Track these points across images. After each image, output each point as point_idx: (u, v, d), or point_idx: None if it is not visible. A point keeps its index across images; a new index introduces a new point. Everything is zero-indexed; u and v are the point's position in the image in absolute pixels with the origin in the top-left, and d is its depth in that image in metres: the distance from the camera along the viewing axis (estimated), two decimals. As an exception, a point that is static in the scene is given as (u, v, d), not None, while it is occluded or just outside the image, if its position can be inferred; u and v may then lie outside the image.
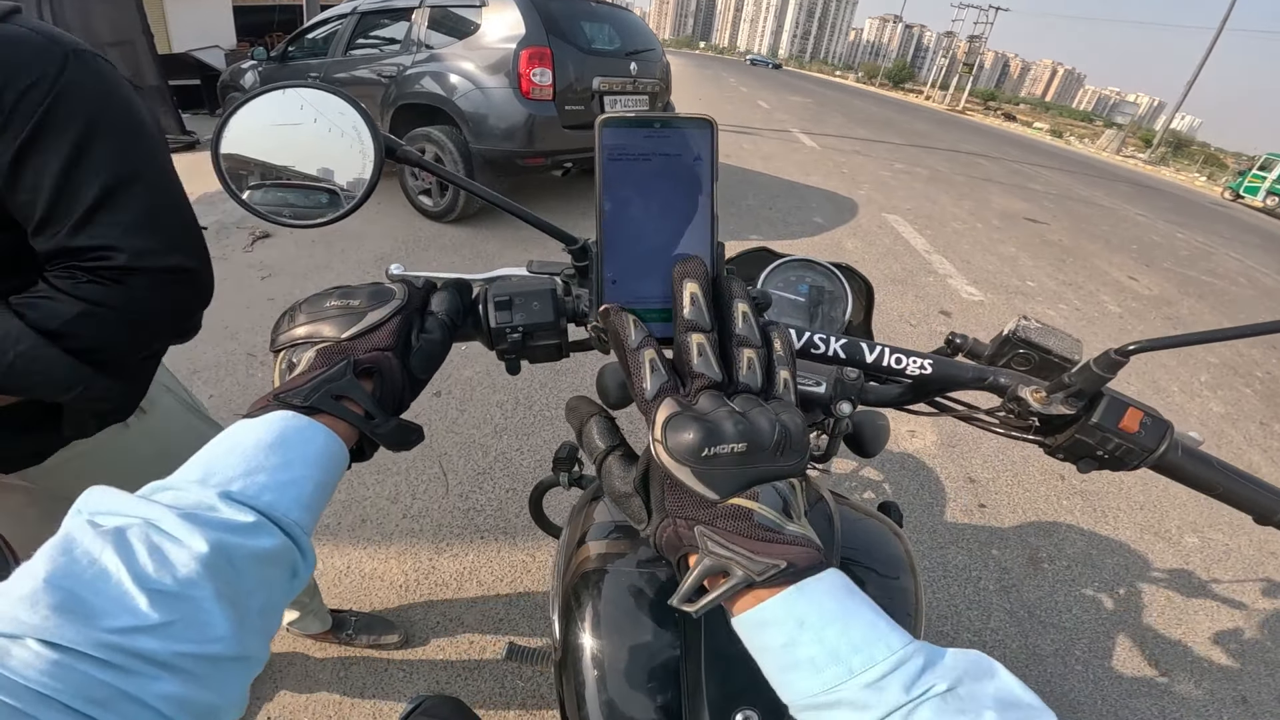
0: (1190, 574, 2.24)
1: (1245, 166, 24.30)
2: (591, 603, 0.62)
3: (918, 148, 12.77)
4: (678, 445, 0.33)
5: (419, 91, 4.24)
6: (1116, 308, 4.97)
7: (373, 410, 0.44)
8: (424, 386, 0.50)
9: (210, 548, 0.32)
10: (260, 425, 0.39)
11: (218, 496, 0.35)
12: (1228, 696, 1.81)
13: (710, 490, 0.34)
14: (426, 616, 1.65)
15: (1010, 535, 2.26)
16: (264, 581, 0.35)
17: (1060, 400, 0.53)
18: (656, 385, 0.35)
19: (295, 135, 0.51)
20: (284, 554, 0.36)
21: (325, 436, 0.41)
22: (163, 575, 0.31)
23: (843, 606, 0.33)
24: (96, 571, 0.30)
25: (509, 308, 0.52)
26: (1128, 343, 0.48)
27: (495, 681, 1.53)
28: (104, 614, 0.29)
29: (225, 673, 0.32)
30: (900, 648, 0.32)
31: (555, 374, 2.76)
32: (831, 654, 0.32)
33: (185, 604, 0.31)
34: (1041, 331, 0.59)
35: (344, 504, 1.95)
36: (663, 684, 0.57)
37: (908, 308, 4.11)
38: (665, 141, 0.42)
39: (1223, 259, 8.17)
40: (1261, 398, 3.78)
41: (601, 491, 0.74)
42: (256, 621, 0.34)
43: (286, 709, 1.43)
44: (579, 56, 4.13)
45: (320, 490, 0.40)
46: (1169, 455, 0.52)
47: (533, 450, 2.30)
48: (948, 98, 42.59)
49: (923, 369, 0.60)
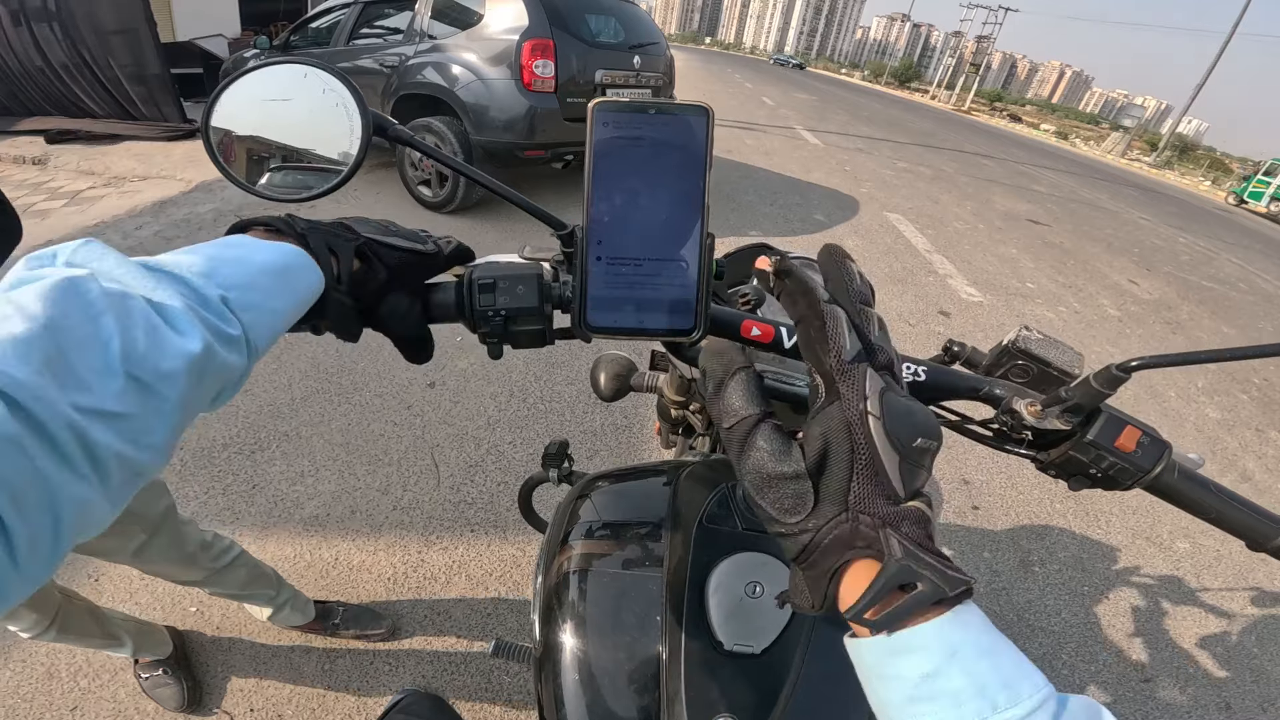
0: (1180, 580, 2.24)
1: (1250, 172, 24.19)
2: (573, 604, 0.61)
3: (922, 147, 12.71)
4: (899, 427, 0.29)
5: (420, 82, 4.22)
6: (1116, 311, 4.96)
7: (345, 278, 0.45)
8: (375, 327, 0.51)
9: (202, 348, 0.30)
10: (269, 248, 0.40)
11: (218, 297, 0.33)
12: (1211, 703, 1.81)
13: (905, 487, 0.30)
14: (414, 610, 1.65)
15: (1003, 538, 2.26)
16: (204, 396, 0.33)
17: (1055, 415, 0.51)
18: (856, 348, 0.30)
19: (285, 111, 0.51)
20: (234, 374, 0.35)
21: (319, 281, 0.42)
22: (147, 361, 0.28)
23: (993, 639, 0.30)
24: (91, 334, 0.27)
25: (492, 290, 0.51)
26: (1130, 358, 0.46)
27: (481, 677, 1.53)
28: (79, 385, 0.26)
29: (129, 484, 0.29)
30: (1043, 686, 0.29)
31: (549, 367, 2.75)
32: (978, 688, 0.29)
33: (151, 400, 0.28)
34: (1043, 343, 0.58)
35: (333, 494, 1.94)
36: (643, 688, 0.56)
37: (907, 307, 4.09)
38: (660, 128, 0.41)
39: (1224, 264, 8.15)
40: (1258, 404, 3.77)
41: (589, 489, 0.72)
42: (174, 437, 0.31)
43: (270, 701, 1.43)
44: (582, 49, 4.10)
45: (284, 328, 0.40)
46: (1164, 477, 0.51)
47: (525, 444, 2.29)
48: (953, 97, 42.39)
49: (916, 376, 0.59)
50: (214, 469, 1.96)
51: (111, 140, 4.86)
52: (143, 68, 4.87)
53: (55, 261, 0.30)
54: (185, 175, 4.27)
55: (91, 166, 4.37)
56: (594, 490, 0.72)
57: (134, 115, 5.05)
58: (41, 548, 0.25)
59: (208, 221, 3.70)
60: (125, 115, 5.04)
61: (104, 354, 0.27)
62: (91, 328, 0.27)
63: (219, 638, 1.54)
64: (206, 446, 2.03)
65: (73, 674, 1.42)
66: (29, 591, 0.25)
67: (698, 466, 0.71)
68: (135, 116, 5.05)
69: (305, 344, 2.58)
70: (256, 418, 2.20)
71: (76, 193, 3.92)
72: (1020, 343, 0.58)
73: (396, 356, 0.55)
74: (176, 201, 3.88)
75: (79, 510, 0.26)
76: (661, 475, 0.72)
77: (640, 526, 0.66)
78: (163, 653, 1.40)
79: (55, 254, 0.31)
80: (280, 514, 1.86)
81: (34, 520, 0.24)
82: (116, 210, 3.64)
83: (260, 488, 1.93)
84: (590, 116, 0.40)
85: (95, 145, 4.75)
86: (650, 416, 2.49)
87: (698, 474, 0.69)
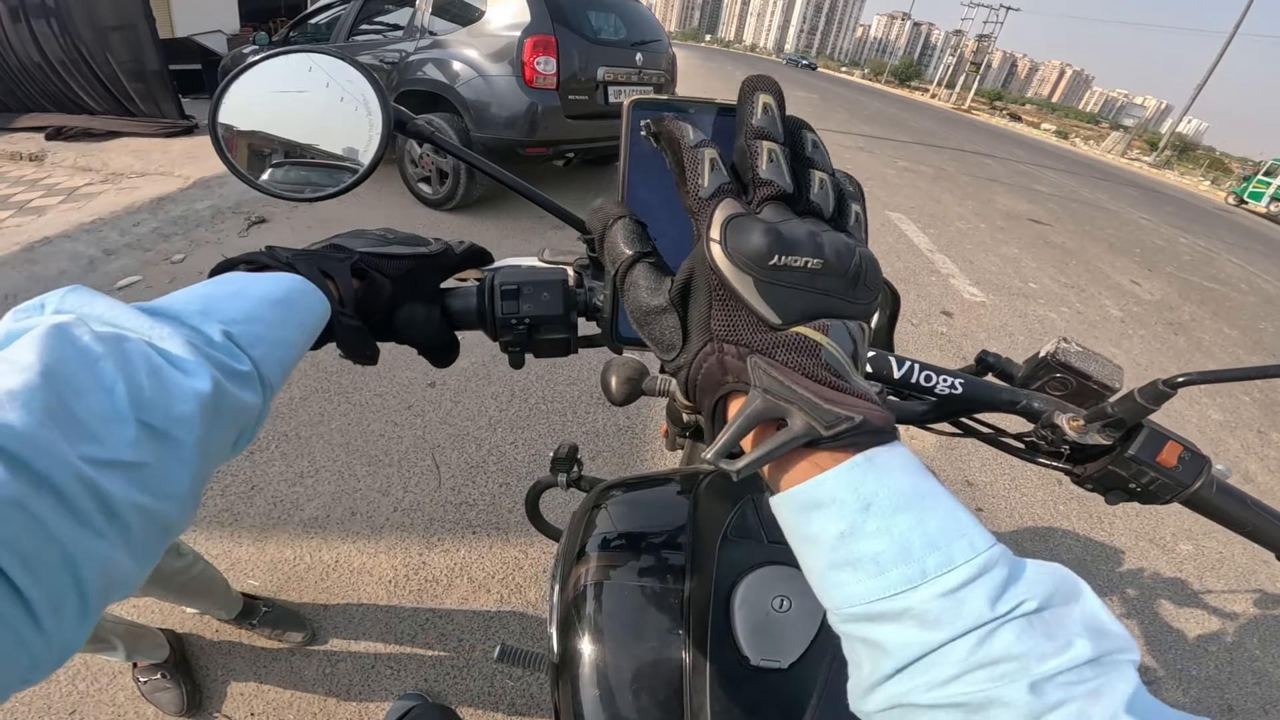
0: (1183, 582, 2.23)
1: (1250, 172, 24.22)
2: (592, 616, 0.60)
3: (923, 145, 12.70)
4: (741, 247, 0.27)
5: (421, 78, 4.19)
6: (1118, 311, 4.95)
7: (347, 301, 0.44)
8: (395, 339, 0.50)
9: (212, 387, 0.29)
10: (268, 279, 0.38)
11: (219, 331, 0.31)
12: (1214, 704, 1.80)
13: (773, 311, 0.28)
14: (415, 614, 1.63)
15: (1006, 540, 2.22)
16: (225, 441, 0.32)
17: (1098, 430, 0.50)
18: (716, 183, 0.29)
19: (298, 103, 0.49)
20: (252, 416, 0.33)
21: (325, 308, 0.41)
22: (156, 405, 0.26)
23: (917, 488, 0.26)
24: (91, 380, 0.25)
25: (516, 297, 0.49)
26: (1176, 375, 0.46)
27: (485, 681, 1.51)
28: (86, 436, 0.24)
29: (155, 538, 0.27)
30: (986, 548, 0.25)
31: (552, 367, 2.73)
32: (901, 549, 0.25)
33: (167, 447, 0.26)
34: (1082, 356, 0.57)
35: (333, 495, 1.93)
36: (666, 704, 0.55)
37: (909, 307, 4.08)
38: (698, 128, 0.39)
39: (1225, 264, 8.15)
40: (1260, 406, 3.77)
41: (604, 499, 0.71)
42: (198, 487, 0.30)
43: (270, 705, 1.41)
44: (584, 46, 4.08)
45: (296, 359, 0.38)
46: (1203, 492, 0.50)
47: (527, 444, 2.28)
48: (954, 96, 42.34)
49: (953, 389, 0.57)
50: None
51: (109, 137, 4.83)
52: (141, 64, 4.85)
53: (44, 311, 0.29)
54: (183, 172, 4.24)
55: (89, 163, 4.34)
56: (609, 500, 0.71)
57: (132, 112, 5.03)
58: (68, 613, 0.23)
59: (206, 218, 3.68)
60: (123, 112, 5.02)
61: (109, 400, 0.25)
62: (90, 374, 0.25)
63: (219, 641, 1.52)
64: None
65: (70, 677, 1.40)
66: (62, 659, 0.24)
67: (717, 477, 0.70)
68: (133, 113, 5.03)
69: (305, 343, 2.55)
70: (256, 417, 2.18)
71: (74, 189, 3.90)
72: (1059, 355, 0.56)
73: (395, 356, 0.53)
74: (174, 198, 3.85)
75: (101, 570, 0.24)
76: (677, 484, 0.71)
77: (658, 537, 0.65)
78: (159, 656, 1.38)
79: (43, 304, 0.29)
80: (279, 515, 1.84)
81: (51, 585, 0.22)
82: (114, 207, 3.61)
83: (259, 489, 1.91)
84: (626, 114, 0.38)
85: (93, 142, 4.73)
86: (654, 418, 2.48)
87: (718, 485, 0.68)
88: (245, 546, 1.73)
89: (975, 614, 0.23)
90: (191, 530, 1.75)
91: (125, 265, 3.13)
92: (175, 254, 3.27)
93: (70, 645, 0.24)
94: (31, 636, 0.22)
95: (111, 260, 3.14)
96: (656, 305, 0.31)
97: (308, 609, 1.61)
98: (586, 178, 5.35)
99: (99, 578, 0.24)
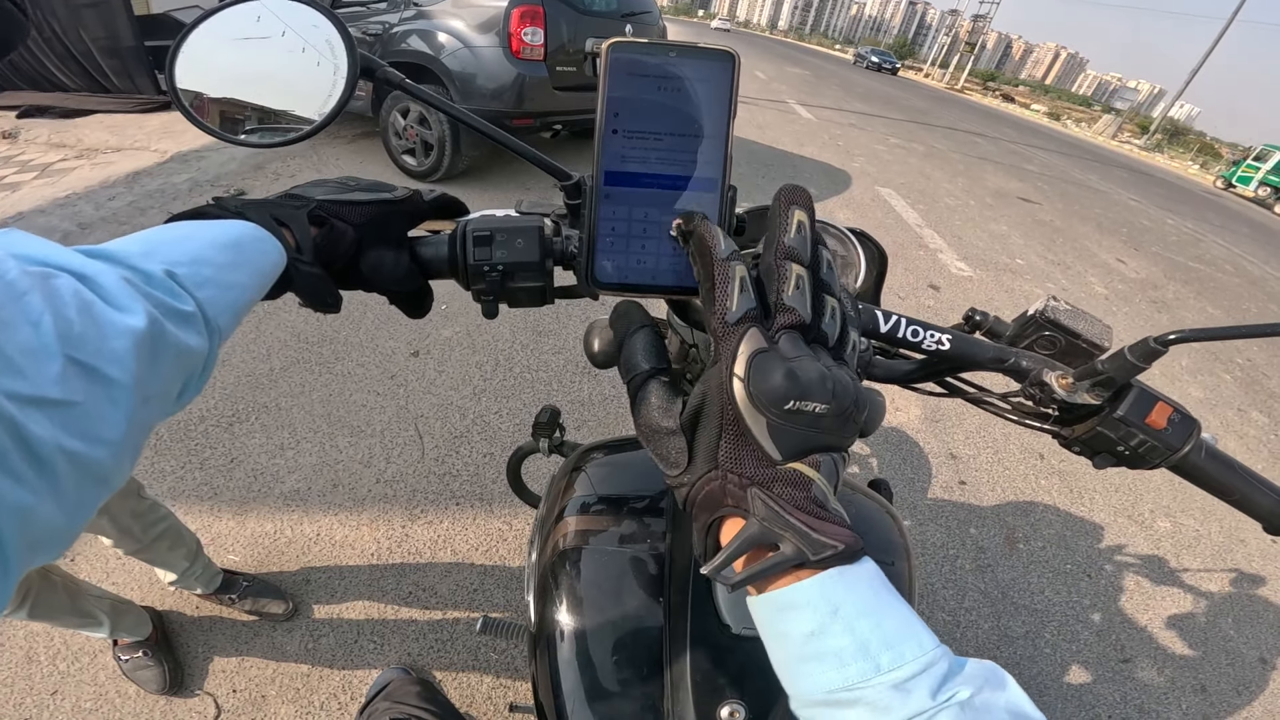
0: (1160, 559, 2.27)
1: (1240, 157, 24.36)
2: (570, 582, 0.58)
3: (915, 124, 12.61)
4: (764, 389, 0.29)
5: (405, 50, 4.09)
6: (1103, 289, 4.98)
7: (304, 248, 0.43)
8: (363, 287, 0.49)
9: (147, 324, 0.27)
10: (217, 225, 0.37)
11: (161, 271, 0.30)
12: (1188, 685, 1.83)
13: (778, 450, 0.30)
14: (399, 586, 1.63)
15: (989, 514, 2.27)
16: (166, 387, 0.30)
17: (1087, 389, 0.49)
18: (744, 308, 0.30)
19: (262, 50, 0.47)
20: (197, 360, 0.32)
21: (279, 254, 0.40)
22: (87, 340, 0.25)
23: (879, 598, 0.30)
24: (16, 313, 0.23)
25: (489, 243, 0.48)
26: (1167, 332, 0.44)
27: (468, 654, 1.51)
28: (8, 368, 0.22)
29: (86, 490, 0.25)
30: (931, 649, 0.29)
31: (536, 336, 2.71)
32: (861, 648, 0.29)
33: (97, 386, 0.25)
34: (1071, 314, 0.55)
35: (315, 467, 1.91)
36: (645, 672, 0.53)
37: (897, 280, 4.09)
38: (680, 74, 0.37)
39: (1210, 246, 8.21)
40: (1240, 384, 3.81)
41: (584, 461, 0.70)
42: (136, 435, 0.28)
43: (253, 681, 1.41)
44: (573, 16, 3.99)
45: (248, 307, 0.37)
46: (1192, 456, 0.49)
47: (512, 414, 2.26)
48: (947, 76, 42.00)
49: (940, 344, 0.56)
50: (190, 443, 1.92)
51: (84, 113, 4.70)
52: (117, 40, 4.73)
53: None
54: (160, 146, 4.14)
55: (63, 139, 4.22)
56: (589, 462, 0.69)
57: (107, 88, 4.90)
58: None
59: (183, 192, 3.59)
60: (98, 88, 4.89)
61: (34, 334, 0.23)
62: (15, 308, 0.23)
63: (199, 617, 1.51)
64: (183, 419, 1.98)
65: (51, 657, 1.39)
66: None
67: None
68: (108, 89, 4.90)
69: (284, 312, 2.51)
70: (234, 389, 2.15)
71: (47, 165, 3.79)
72: (1048, 313, 0.55)
73: (379, 325, 0.52)
74: (151, 172, 3.76)
75: (21, 520, 0.22)
76: None
77: (639, 501, 0.63)
78: (142, 633, 1.37)
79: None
80: (260, 489, 1.82)
81: None
82: (89, 181, 3.52)
83: (239, 461, 1.89)
84: (605, 56, 0.36)
85: (67, 119, 4.60)
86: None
87: None
88: (225, 520, 1.71)
89: (919, 703, 0.27)
90: (170, 503, 1.72)
91: (100, 238, 3.04)
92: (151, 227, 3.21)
93: None
94: None
95: (86, 234, 3.06)
96: (667, 427, 0.33)
97: (290, 582, 1.60)
98: (575, 150, 5.28)
99: (19, 530, 0.22)
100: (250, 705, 1.36)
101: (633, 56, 0.37)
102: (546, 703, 0.56)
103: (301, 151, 4.43)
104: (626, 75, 0.37)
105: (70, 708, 1.31)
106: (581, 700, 0.53)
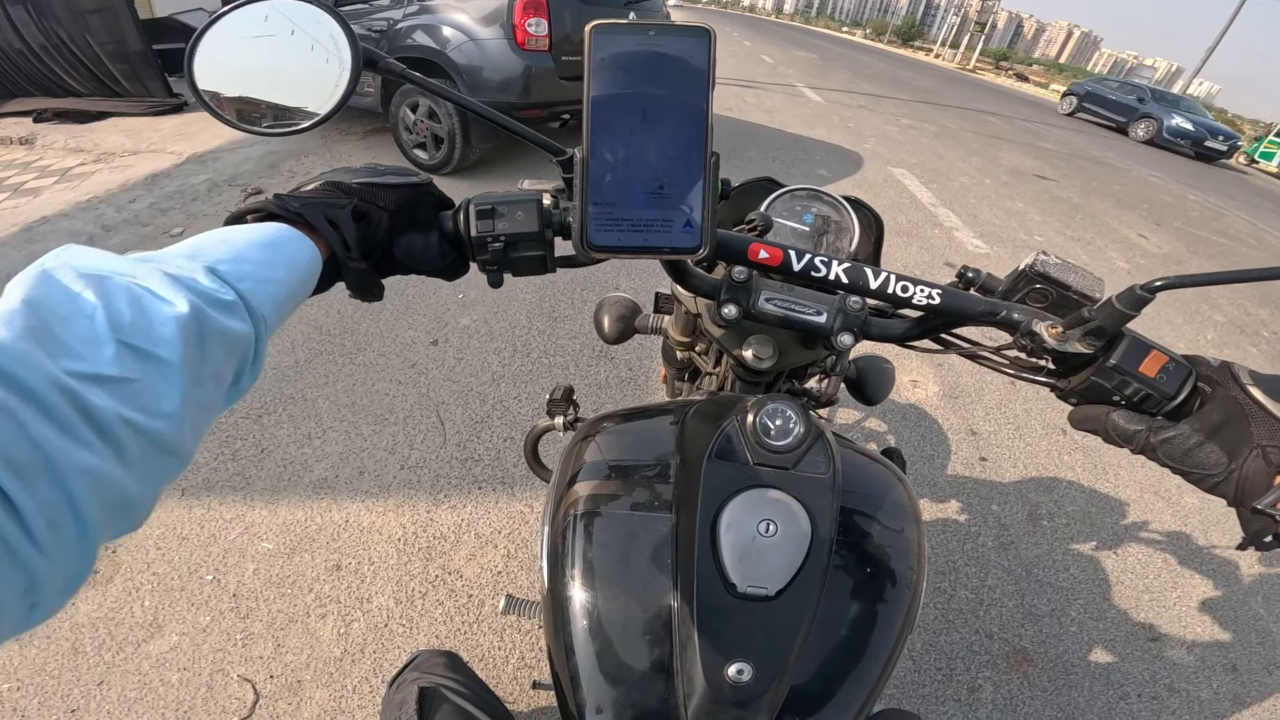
0: (1188, 536, 2.23)
1: (1262, 133, 23.82)
2: (581, 548, 0.59)
3: (926, 104, 12.43)
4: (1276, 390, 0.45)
5: (411, 45, 4.10)
6: (1125, 264, 4.90)
7: (353, 246, 0.47)
8: (400, 271, 0.54)
9: (190, 310, 0.31)
10: (255, 228, 0.42)
11: (203, 269, 0.35)
12: (1218, 664, 1.80)
13: None
14: (425, 570, 1.66)
15: (1010, 490, 2.26)
16: (219, 369, 0.34)
17: (1077, 338, 0.50)
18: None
19: (270, 48, 0.51)
20: (245, 344, 0.36)
21: (313, 253, 0.44)
22: (137, 328, 0.29)
23: None
24: (73, 309, 0.28)
25: (492, 216, 0.51)
26: (1154, 278, 0.45)
27: (494, 635, 1.54)
28: (68, 353, 0.26)
29: (152, 460, 0.29)
30: None
31: (553, 322, 2.73)
32: None
33: (150, 364, 0.29)
34: (1061, 267, 0.56)
35: (341, 456, 1.94)
36: (655, 635, 0.54)
37: (912, 259, 4.06)
38: (660, 50, 0.40)
39: (1234, 220, 8.03)
40: (1267, 358, 3.75)
41: (593, 430, 0.70)
42: (195, 413, 0.32)
43: (289, 667, 1.43)
44: (576, 6, 3.97)
45: (291, 300, 0.41)
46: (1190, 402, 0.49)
47: (530, 398, 2.28)
48: (958, 56, 41.22)
49: (931, 299, 0.57)
50: (222, 434, 1.96)
51: (98, 118, 4.77)
52: (123, 45, 4.78)
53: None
54: (176, 148, 4.19)
55: (80, 144, 4.29)
56: (599, 431, 0.70)
57: (118, 92, 4.96)
58: (66, 532, 0.24)
59: (201, 192, 3.64)
60: (109, 93, 4.95)
61: (90, 325, 0.27)
62: (72, 305, 0.28)
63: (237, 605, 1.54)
64: (211, 414, 2.02)
65: (96, 648, 1.42)
66: (68, 589, 0.25)
67: (705, 403, 0.68)
68: (120, 93, 4.96)
69: (307, 307, 2.55)
70: (262, 382, 2.19)
71: (66, 170, 3.85)
72: (1039, 266, 0.56)
73: (398, 315, 0.56)
74: (169, 174, 3.81)
75: (92, 483, 0.25)
76: (669, 414, 0.69)
77: (648, 468, 0.63)
78: None
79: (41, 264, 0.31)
80: (290, 477, 1.86)
81: (41, 495, 0.23)
82: (109, 185, 3.58)
83: (269, 451, 1.93)
84: (588, 38, 0.39)
85: (82, 124, 4.67)
86: (656, 368, 2.48)
87: (705, 410, 0.66)
88: (258, 510, 1.75)
89: None
90: (205, 494, 1.77)
91: (124, 240, 3.11)
92: (174, 228, 3.25)
93: (74, 570, 0.25)
94: (29, 553, 0.23)
95: (110, 236, 3.12)
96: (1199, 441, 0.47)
97: (320, 569, 1.63)
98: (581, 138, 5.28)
99: (91, 492, 0.25)
100: (287, 690, 1.39)
101: (614, 36, 0.40)
102: (560, 667, 0.56)
103: (315, 149, 4.48)
104: (610, 54, 0.40)
105: (116, 697, 1.35)
106: (593, 661, 0.54)
